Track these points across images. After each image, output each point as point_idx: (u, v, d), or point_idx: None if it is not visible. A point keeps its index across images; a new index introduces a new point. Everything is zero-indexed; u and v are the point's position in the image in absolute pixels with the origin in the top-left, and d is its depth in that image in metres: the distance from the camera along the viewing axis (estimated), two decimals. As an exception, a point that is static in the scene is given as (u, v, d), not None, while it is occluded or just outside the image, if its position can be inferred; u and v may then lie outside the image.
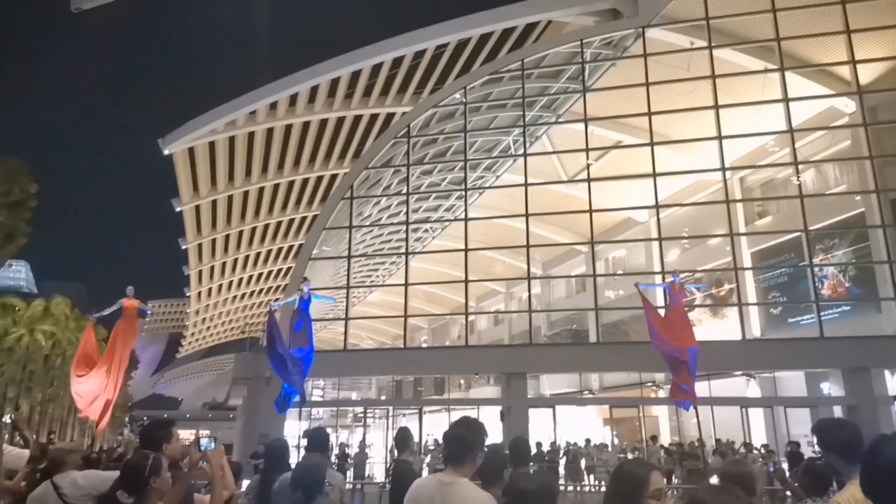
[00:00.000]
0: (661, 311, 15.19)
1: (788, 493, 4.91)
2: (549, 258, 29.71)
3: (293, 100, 21.90)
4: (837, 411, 17.48)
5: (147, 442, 3.87)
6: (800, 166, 20.29)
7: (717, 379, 19.62)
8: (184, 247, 26.43)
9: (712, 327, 22.52)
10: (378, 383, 34.47)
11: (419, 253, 28.29)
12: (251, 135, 22.48)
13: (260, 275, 33.32)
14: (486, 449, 3.10)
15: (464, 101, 22.64)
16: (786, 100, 19.94)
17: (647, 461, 2.60)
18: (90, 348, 12.47)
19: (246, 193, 24.94)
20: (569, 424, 21.83)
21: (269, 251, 30.42)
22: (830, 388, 18.67)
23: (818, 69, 20.66)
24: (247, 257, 30.25)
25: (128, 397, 60.16)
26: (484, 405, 23.28)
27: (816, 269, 20.27)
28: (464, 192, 23.62)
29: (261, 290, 35.78)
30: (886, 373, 17.78)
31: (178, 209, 23.95)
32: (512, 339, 29.65)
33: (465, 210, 23.15)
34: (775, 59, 20.28)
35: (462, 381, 31.61)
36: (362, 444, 22.17)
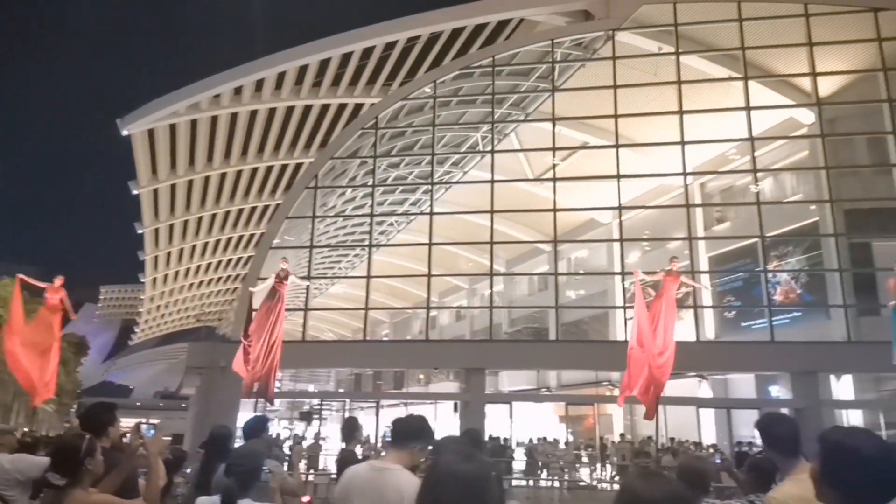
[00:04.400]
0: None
1: (736, 484, 4.97)
2: (512, 256, 29.81)
3: (259, 85, 21.43)
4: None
5: (91, 425, 3.75)
6: (758, 174, 20.79)
7: (670, 379, 19.89)
8: (140, 231, 25.69)
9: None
10: (337, 376, 34.16)
11: (383, 246, 28.09)
12: (214, 119, 21.93)
13: (219, 263, 32.61)
14: (429, 447, 3.06)
15: (433, 95, 22.53)
16: (748, 108, 20.37)
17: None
18: (18, 311, 12.32)
19: (207, 179, 24.33)
20: (526, 421, 21.96)
21: (230, 239, 29.77)
22: (779, 390, 19.20)
23: (780, 80, 21.17)
24: (205, 244, 29.56)
25: (77, 384, 58.41)
26: (442, 400, 23.27)
27: (770, 275, 20.76)
28: (430, 187, 23.52)
29: (219, 279, 35.05)
30: (832, 377, 18.35)
31: (134, 192, 23.26)
32: (473, 336, 29.63)
33: (431, 204, 23.06)
34: (739, 67, 20.69)
35: (421, 376, 31.52)
36: (316, 436, 21.94)
